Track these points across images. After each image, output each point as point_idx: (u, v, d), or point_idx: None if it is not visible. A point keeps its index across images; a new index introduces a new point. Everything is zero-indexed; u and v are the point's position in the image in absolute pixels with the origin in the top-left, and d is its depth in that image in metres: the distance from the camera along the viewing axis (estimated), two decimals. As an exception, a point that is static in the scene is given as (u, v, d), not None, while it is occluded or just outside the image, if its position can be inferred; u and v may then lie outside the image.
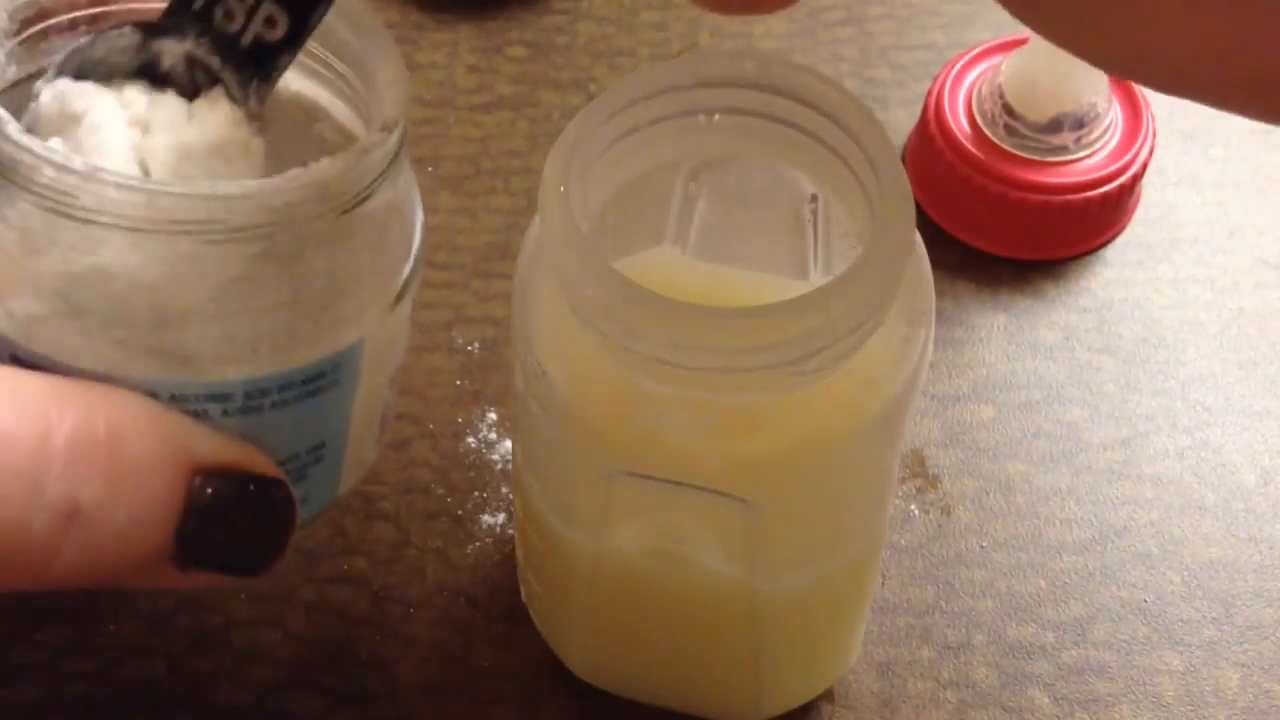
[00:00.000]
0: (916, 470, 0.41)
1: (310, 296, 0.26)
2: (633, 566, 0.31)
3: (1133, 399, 0.43)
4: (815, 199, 0.29)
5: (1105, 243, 0.46)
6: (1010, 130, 0.44)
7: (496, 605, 0.39)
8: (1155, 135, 0.45)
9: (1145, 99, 0.45)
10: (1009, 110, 0.44)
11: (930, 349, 0.29)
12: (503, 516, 0.40)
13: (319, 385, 0.28)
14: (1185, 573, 0.39)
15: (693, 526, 0.29)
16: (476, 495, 0.40)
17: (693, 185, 0.30)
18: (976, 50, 0.47)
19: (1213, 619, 0.39)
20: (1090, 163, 0.44)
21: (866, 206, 0.27)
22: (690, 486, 0.28)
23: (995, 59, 0.46)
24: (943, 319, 0.44)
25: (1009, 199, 0.44)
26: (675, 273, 0.31)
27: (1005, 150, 0.44)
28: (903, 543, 0.40)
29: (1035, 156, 0.44)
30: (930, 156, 0.45)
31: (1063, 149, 0.44)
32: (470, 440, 0.41)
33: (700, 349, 0.25)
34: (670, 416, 0.27)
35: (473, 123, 0.48)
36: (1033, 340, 0.44)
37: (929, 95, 0.46)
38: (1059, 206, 0.44)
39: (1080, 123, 0.44)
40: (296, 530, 0.28)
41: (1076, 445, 0.42)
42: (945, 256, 0.45)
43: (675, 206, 0.30)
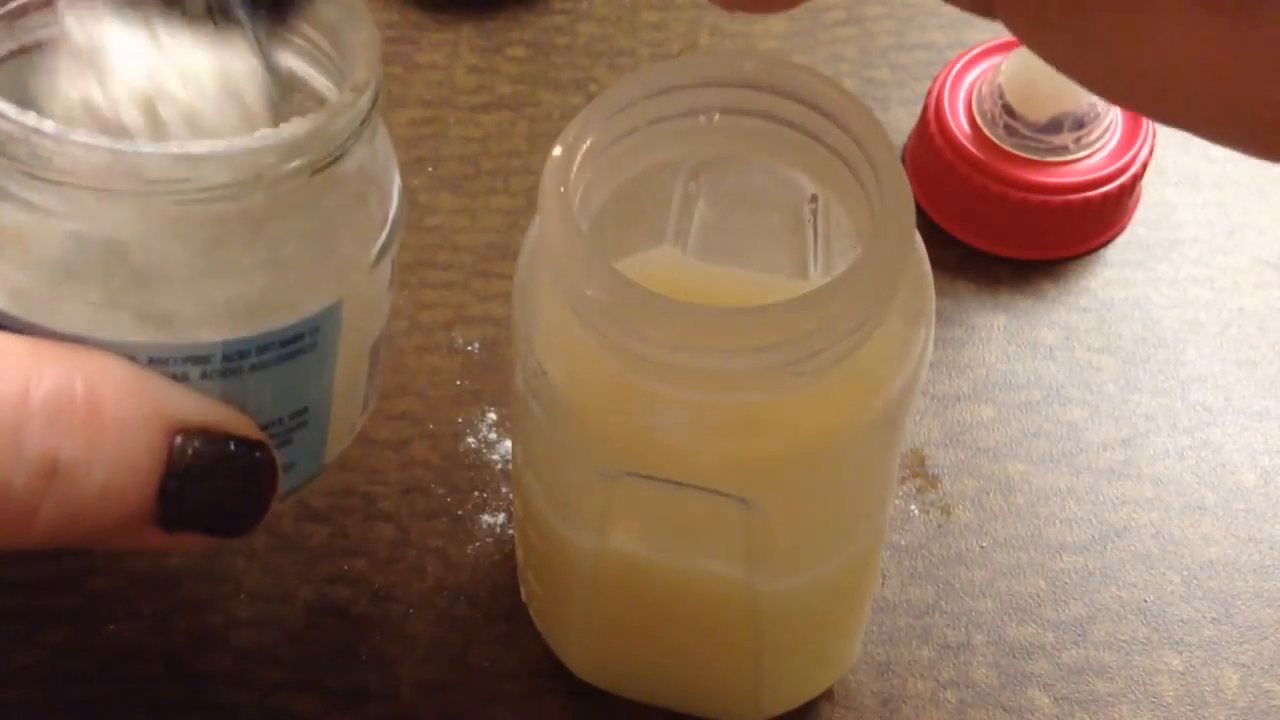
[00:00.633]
0: (916, 470, 0.41)
1: (285, 258, 0.26)
2: (633, 566, 0.31)
3: (1133, 399, 0.43)
4: (815, 199, 0.29)
5: (1105, 243, 0.46)
6: (1010, 130, 0.44)
7: (496, 605, 0.39)
8: (1155, 135, 0.45)
9: (1145, 99, 0.45)
10: (1009, 110, 0.44)
11: (930, 349, 0.29)
12: (503, 516, 0.40)
13: (298, 348, 0.28)
14: (1185, 573, 0.39)
15: (693, 526, 0.29)
16: (476, 495, 0.40)
17: (693, 185, 0.30)
18: (976, 50, 0.47)
19: (1213, 619, 0.39)
20: (1090, 163, 0.44)
21: (866, 206, 0.27)
22: (690, 486, 0.28)
23: (995, 59, 0.46)
24: (943, 319, 0.44)
25: (1009, 199, 0.44)
26: (675, 273, 0.31)
27: (1005, 150, 0.44)
28: (903, 543, 0.40)
29: (1035, 156, 0.44)
30: (930, 156, 0.45)
31: (1063, 149, 0.44)
32: (470, 440, 0.41)
33: (700, 349, 0.25)
34: (670, 416, 0.27)
35: (473, 123, 0.48)
36: (1033, 340, 0.44)
37: (929, 95, 0.46)
38: (1059, 206, 0.44)
39: (1080, 123, 0.44)
40: (281, 493, 0.28)
41: (1076, 445, 0.42)
42: (945, 256, 0.45)
43: (675, 206, 0.31)
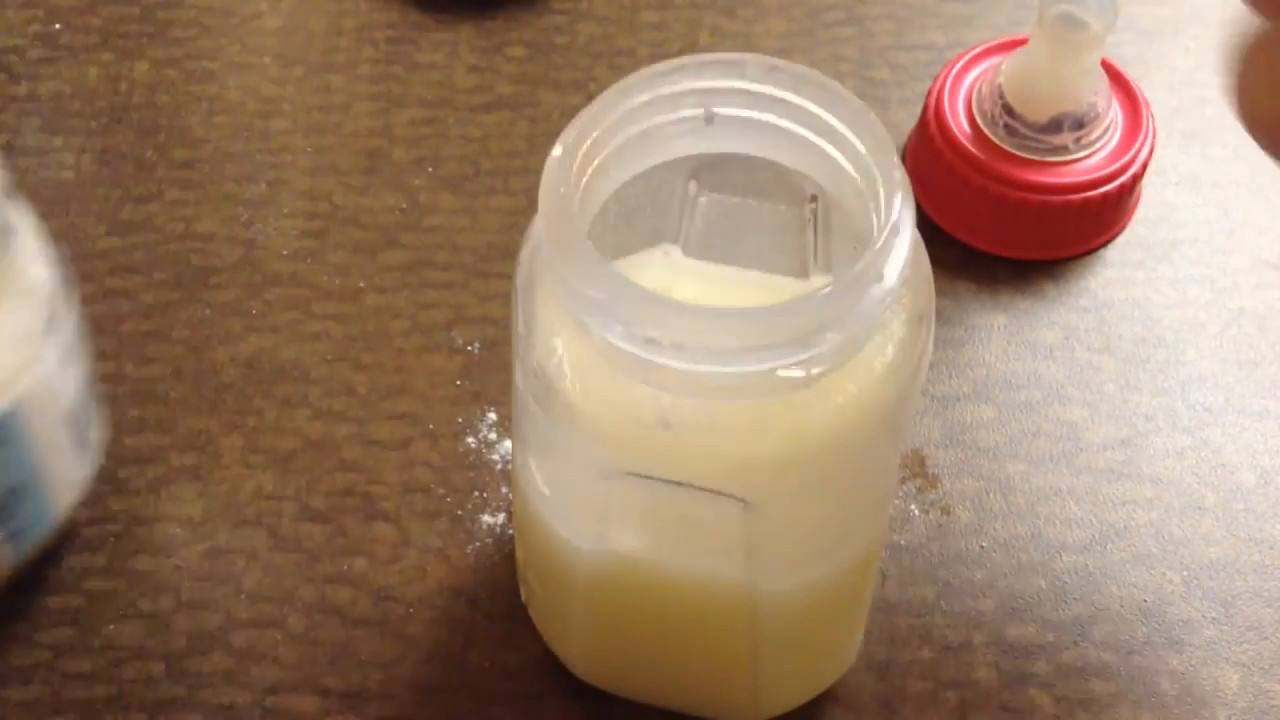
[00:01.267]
0: (916, 470, 0.41)
1: None
2: (633, 567, 0.31)
3: (1133, 399, 0.43)
4: (815, 199, 0.29)
5: (1105, 243, 0.46)
6: (1010, 130, 0.44)
7: (496, 605, 0.39)
8: (1155, 135, 0.45)
9: (1145, 99, 0.45)
10: (1009, 110, 0.44)
11: (930, 349, 0.29)
12: (503, 516, 0.40)
13: None
14: (1185, 573, 0.39)
15: (693, 527, 0.29)
16: (476, 495, 0.40)
17: (693, 185, 0.30)
18: (976, 50, 0.47)
19: (1213, 619, 0.39)
20: (1090, 163, 0.44)
21: (866, 206, 0.27)
22: (690, 487, 0.28)
23: (995, 59, 0.46)
24: (943, 319, 0.44)
25: (1009, 199, 0.44)
26: (675, 273, 0.31)
27: (1005, 150, 0.44)
28: (903, 543, 0.40)
29: (1035, 156, 0.44)
30: (930, 156, 0.45)
31: (1063, 149, 0.44)
32: (470, 440, 0.41)
33: (700, 349, 0.25)
34: (670, 416, 0.27)
35: (473, 123, 0.48)
36: (1033, 340, 0.44)
37: (929, 95, 0.46)
38: (1059, 206, 0.44)
39: (1080, 123, 0.44)
40: (15, 559, 0.33)
41: (1076, 445, 0.42)
42: (945, 256, 0.45)
43: (675, 206, 0.31)
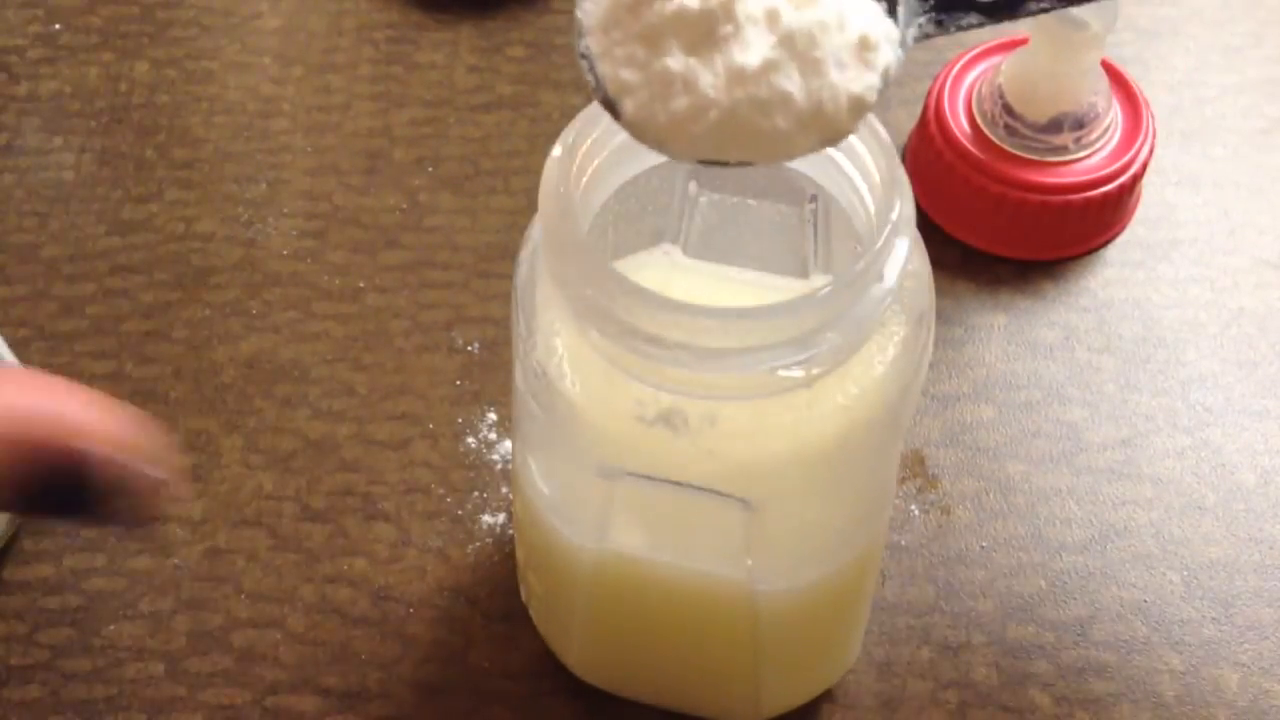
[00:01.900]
0: (916, 470, 0.41)
1: None
2: (633, 567, 0.31)
3: (1133, 399, 0.43)
4: (815, 199, 0.29)
5: (1105, 243, 0.46)
6: (1010, 130, 0.44)
7: (496, 605, 0.39)
8: (1155, 135, 0.45)
9: (1145, 99, 0.45)
10: (1009, 110, 0.44)
11: (930, 349, 0.29)
12: (503, 516, 0.40)
13: None
14: (1185, 573, 0.39)
15: (692, 527, 0.29)
16: (476, 495, 0.40)
17: (693, 185, 0.30)
18: (976, 50, 0.47)
19: (1213, 619, 0.39)
20: (1090, 163, 0.44)
21: (866, 207, 0.27)
22: (690, 487, 0.28)
23: (995, 59, 0.46)
24: (943, 319, 0.44)
25: (1009, 199, 0.44)
26: (675, 273, 0.31)
27: (1005, 150, 0.44)
28: (903, 543, 0.40)
29: (1035, 156, 0.44)
30: (930, 156, 0.45)
31: (1063, 149, 0.44)
32: (470, 440, 0.41)
33: (700, 349, 0.25)
34: (670, 416, 0.27)
35: (473, 123, 0.48)
36: (1033, 340, 0.44)
37: (929, 95, 0.46)
38: (1059, 206, 0.44)
39: (1080, 123, 0.44)
40: None
41: (1076, 445, 0.42)
42: (945, 256, 0.45)
43: (675, 207, 0.30)
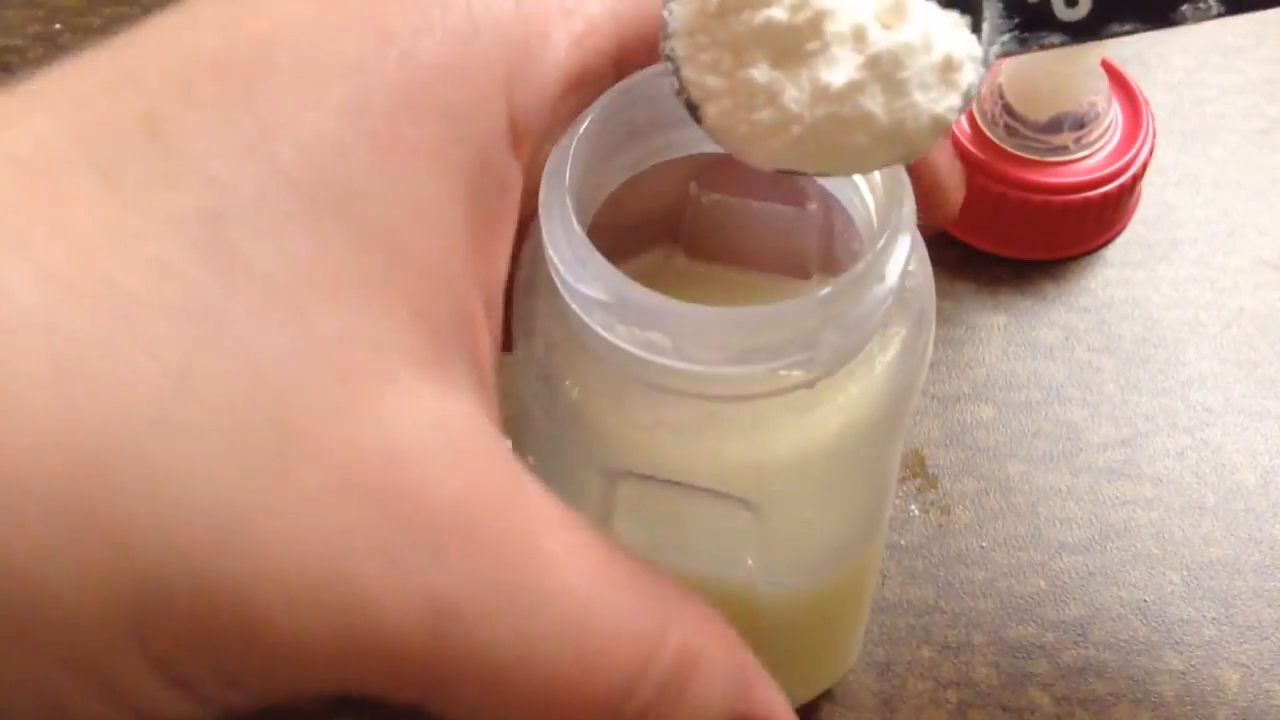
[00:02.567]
0: (916, 470, 0.41)
1: None
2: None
3: (1133, 399, 0.43)
4: (816, 200, 0.29)
5: (1105, 243, 0.46)
6: (1010, 130, 0.44)
7: (496, 605, 0.39)
8: (1155, 135, 0.45)
9: (1145, 99, 0.45)
10: (1009, 110, 0.44)
11: (931, 349, 0.29)
12: (503, 516, 0.40)
13: None
14: (1185, 573, 0.39)
15: (695, 529, 0.29)
16: (476, 495, 0.40)
17: (693, 185, 0.30)
18: (976, 50, 0.47)
19: (1213, 619, 0.39)
20: (1090, 163, 0.44)
21: (866, 206, 0.27)
22: (693, 488, 0.28)
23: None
24: (943, 319, 0.44)
25: (1009, 199, 0.44)
26: (676, 274, 0.31)
27: (1005, 150, 0.44)
28: (903, 543, 0.40)
29: (1035, 156, 0.44)
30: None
31: (1063, 149, 0.44)
32: (470, 440, 0.41)
33: (701, 350, 0.25)
34: (672, 417, 0.27)
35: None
36: (1033, 340, 0.44)
37: (929, 95, 0.46)
38: (1059, 206, 0.44)
39: (1080, 123, 0.44)
40: None
41: (1076, 445, 0.42)
42: (945, 256, 0.45)
43: (676, 207, 0.30)
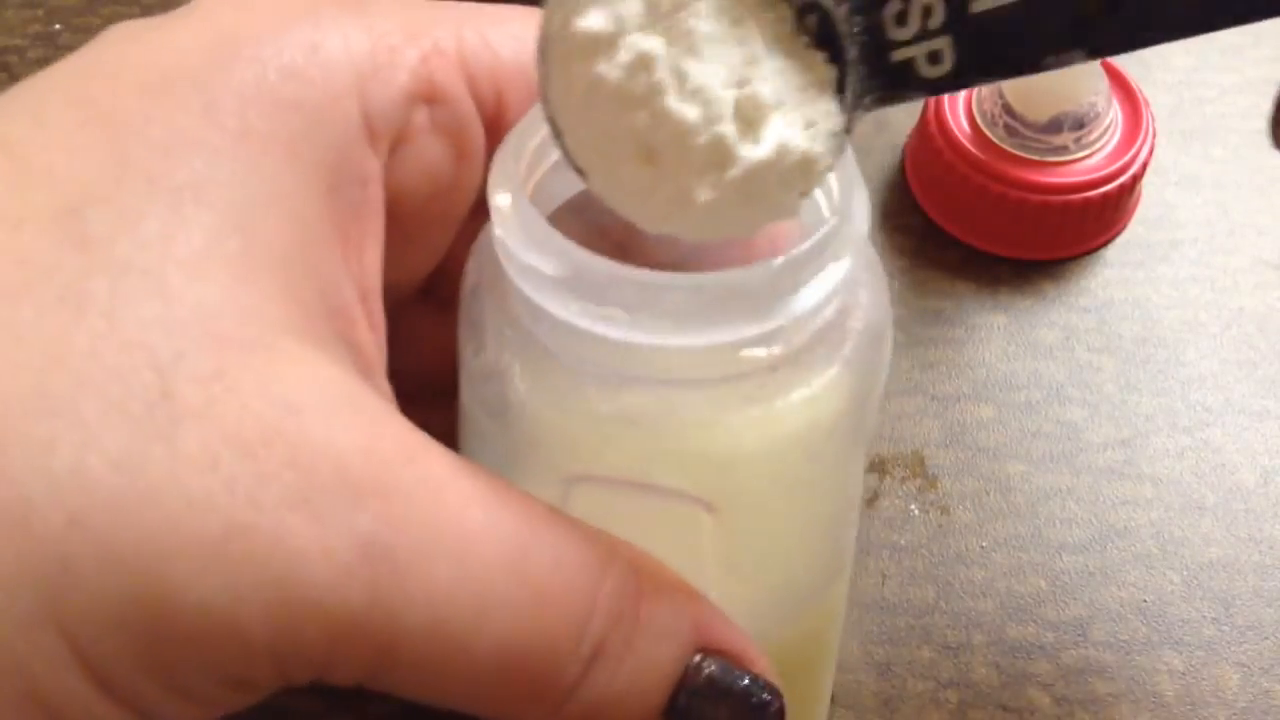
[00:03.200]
0: (916, 470, 0.41)
1: None
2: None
3: (1133, 399, 0.43)
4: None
5: (1105, 243, 0.46)
6: (1010, 130, 0.44)
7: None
8: (1155, 135, 0.45)
9: (1145, 99, 0.45)
10: (1009, 110, 0.44)
11: (890, 353, 0.28)
12: (503, 516, 0.40)
13: None
14: (1185, 573, 0.39)
15: (653, 538, 0.29)
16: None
17: None
18: (976, 50, 0.47)
19: (1213, 619, 0.39)
20: (1090, 163, 0.44)
21: (820, 214, 0.27)
22: (651, 488, 0.27)
23: (995, 59, 0.46)
24: (943, 319, 0.44)
25: (1009, 199, 0.44)
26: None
27: (1005, 150, 0.44)
28: (903, 543, 0.40)
29: (1035, 156, 0.44)
30: (930, 156, 0.45)
31: (1063, 149, 0.44)
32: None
33: (659, 319, 0.24)
34: (628, 407, 0.26)
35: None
36: (1033, 340, 0.44)
37: (929, 95, 0.46)
38: (1059, 206, 0.44)
39: (1080, 123, 0.44)
40: None
41: (1076, 445, 0.42)
42: (945, 256, 0.45)
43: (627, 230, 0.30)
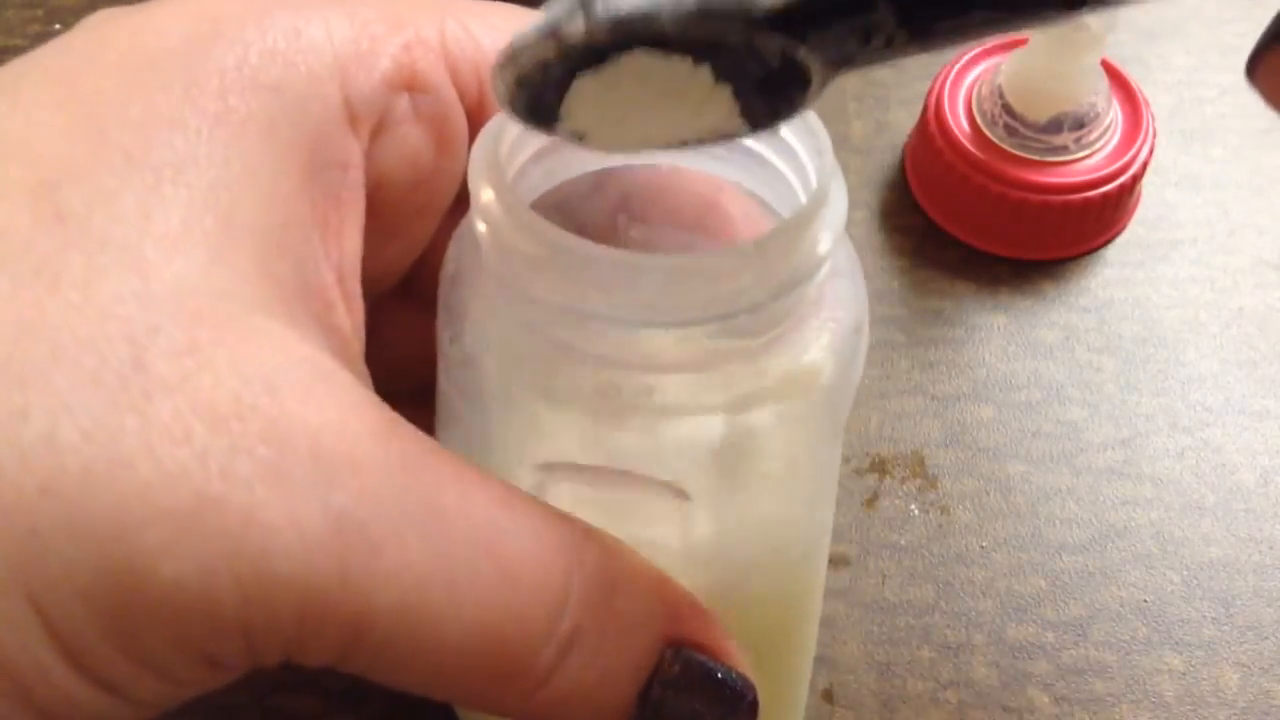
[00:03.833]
0: (916, 470, 0.41)
1: None
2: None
3: (1133, 399, 0.43)
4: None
5: (1105, 243, 0.46)
6: (1010, 130, 0.44)
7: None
8: (1155, 135, 0.45)
9: (1145, 99, 0.45)
10: (1009, 110, 0.44)
11: (865, 344, 0.28)
12: (503, 517, 0.40)
13: None
14: (1185, 573, 0.39)
15: (629, 530, 0.28)
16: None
17: (621, 218, 0.29)
18: (976, 50, 0.47)
19: (1213, 619, 0.39)
20: (1090, 163, 0.44)
21: (795, 195, 0.27)
22: (625, 477, 0.27)
23: (995, 59, 0.46)
24: (943, 319, 0.44)
25: (1009, 199, 0.44)
26: None
27: (1005, 150, 0.44)
28: (903, 543, 0.40)
29: (1035, 156, 0.44)
30: (930, 156, 0.45)
31: (1063, 149, 0.44)
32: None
33: (636, 303, 0.24)
34: (605, 387, 0.26)
35: (473, 123, 0.48)
36: (1033, 340, 0.44)
37: (929, 95, 0.46)
38: (1059, 206, 0.44)
39: (1080, 123, 0.44)
40: None
41: (1076, 445, 0.42)
42: (945, 256, 0.45)
43: (605, 234, 0.30)
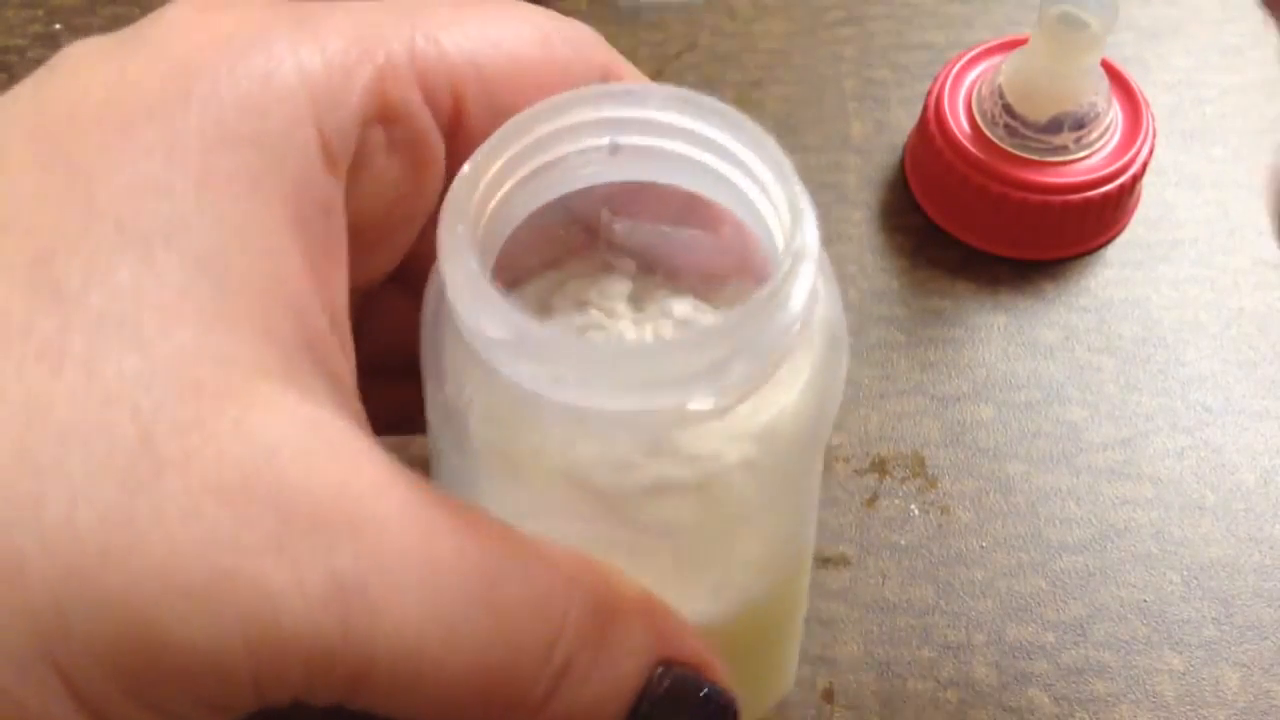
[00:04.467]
0: (916, 470, 0.41)
1: None
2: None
3: (1133, 399, 0.43)
4: (729, 222, 0.29)
5: (1105, 243, 0.46)
6: (1010, 130, 0.44)
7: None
8: (1155, 135, 0.45)
9: (1145, 99, 0.45)
10: (1009, 110, 0.44)
11: (844, 372, 0.28)
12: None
13: None
14: (1185, 573, 0.40)
15: (614, 558, 0.29)
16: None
17: (604, 212, 0.29)
18: (976, 50, 0.47)
19: (1213, 619, 0.39)
20: (1090, 163, 0.44)
21: (772, 236, 0.26)
22: (611, 523, 0.27)
23: (995, 59, 0.46)
24: (943, 319, 0.44)
25: (1009, 199, 0.44)
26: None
27: (1005, 150, 0.44)
28: (903, 543, 0.40)
29: (1035, 156, 0.44)
30: (930, 156, 0.45)
31: (1063, 149, 0.44)
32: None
33: (606, 387, 0.24)
34: (585, 449, 0.26)
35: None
36: (1033, 340, 0.44)
37: (929, 95, 0.46)
38: (1059, 206, 0.44)
39: (1080, 123, 0.44)
40: None
41: (1076, 445, 0.42)
42: (945, 256, 0.45)
43: (590, 234, 0.30)
